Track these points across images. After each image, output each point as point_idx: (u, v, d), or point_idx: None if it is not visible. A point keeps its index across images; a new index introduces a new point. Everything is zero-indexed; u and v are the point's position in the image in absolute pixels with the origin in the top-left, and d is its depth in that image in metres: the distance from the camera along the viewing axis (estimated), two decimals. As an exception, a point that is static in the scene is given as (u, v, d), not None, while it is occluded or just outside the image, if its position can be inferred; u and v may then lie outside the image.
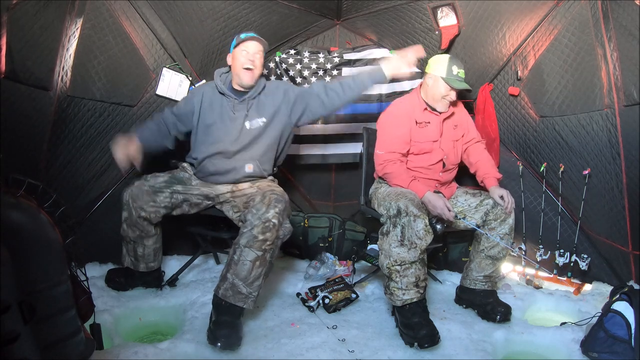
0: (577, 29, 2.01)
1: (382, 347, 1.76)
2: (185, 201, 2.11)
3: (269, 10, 2.44)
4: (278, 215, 1.79)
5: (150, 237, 2.11)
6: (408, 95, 2.28)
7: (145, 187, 2.03)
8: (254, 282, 1.76)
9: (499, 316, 1.99)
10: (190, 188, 2.12)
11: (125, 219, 2.07)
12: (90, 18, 2.04)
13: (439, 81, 2.09)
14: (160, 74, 2.43)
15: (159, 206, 2.04)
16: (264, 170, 2.12)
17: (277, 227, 1.78)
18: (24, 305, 0.87)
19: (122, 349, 1.59)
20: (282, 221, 1.82)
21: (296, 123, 2.18)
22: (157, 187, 2.05)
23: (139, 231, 2.08)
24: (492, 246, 2.08)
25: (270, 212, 1.77)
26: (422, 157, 2.15)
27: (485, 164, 2.24)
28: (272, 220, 1.76)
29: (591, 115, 2.05)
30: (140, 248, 2.12)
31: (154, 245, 2.15)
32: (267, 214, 1.77)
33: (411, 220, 1.79)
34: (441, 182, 2.20)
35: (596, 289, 2.26)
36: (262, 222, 1.75)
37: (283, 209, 1.83)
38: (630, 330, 1.58)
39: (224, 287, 1.75)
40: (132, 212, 2.02)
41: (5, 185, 0.96)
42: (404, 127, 2.11)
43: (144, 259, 2.15)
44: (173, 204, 2.08)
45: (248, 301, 1.76)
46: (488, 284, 2.11)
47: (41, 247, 0.95)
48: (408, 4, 2.42)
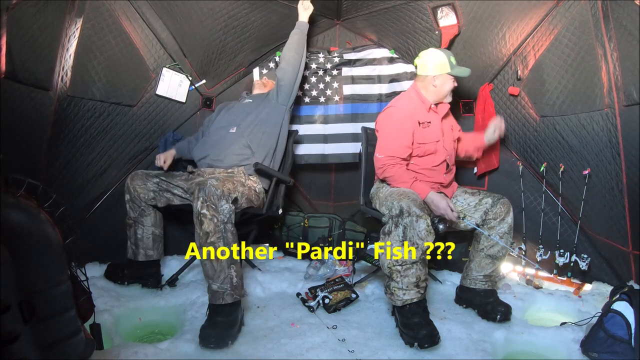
0: (577, 29, 2.01)
1: (382, 347, 1.76)
2: (167, 191, 2.23)
3: (269, 10, 2.44)
4: (205, 204, 1.76)
5: (147, 215, 2.23)
6: (406, 95, 2.23)
7: (140, 173, 2.24)
8: (219, 276, 1.76)
9: (499, 316, 1.99)
10: (173, 180, 2.24)
11: (127, 201, 2.23)
12: (90, 18, 2.04)
13: (447, 78, 2.11)
14: (160, 74, 2.43)
15: (149, 189, 2.22)
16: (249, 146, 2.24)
17: (210, 215, 1.75)
18: (24, 305, 0.87)
19: (122, 349, 1.59)
20: (214, 206, 1.77)
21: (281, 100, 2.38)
22: (150, 174, 2.25)
23: (139, 209, 2.21)
24: (491, 245, 2.09)
25: (197, 204, 1.77)
26: (427, 159, 2.14)
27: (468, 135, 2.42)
28: (202, 211, 1.76)
29: (591, 115, 2.05)
30: (140, 229, 2.21)
31: (152, 228, 2.23)
32: (197, 207, 1.77)
33: (413, 221, 1.78)
34: (444, 185, 2.19)
35: (596, 289, 2.25)
36: (196, 217, 1.78)
37: (206, 194, 1.77)
38: (630, 330, 1.58)
39: (209, 292, 1.80)
40: (131, 191, 2.20)
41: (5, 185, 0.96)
42: (407, 131, 2.07)
43: (143, 244, 2.21)
44: (160, 189, 2.22)
45: (224, 296, 1.76)
46: (488, 283, 2.11)
47: (41, 247, 0.95)
48: (408, 4, 2.42)
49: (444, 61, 2.09)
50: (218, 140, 2.28)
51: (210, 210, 1.76)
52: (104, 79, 2.17)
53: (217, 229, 1.76)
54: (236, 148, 2.24)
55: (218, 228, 1.76)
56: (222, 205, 1.80)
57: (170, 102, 2.52)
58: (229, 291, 1.76)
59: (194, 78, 2.57)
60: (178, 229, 2.56)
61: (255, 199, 2.16)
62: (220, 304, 1.76)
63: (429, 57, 2.13)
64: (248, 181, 2.15)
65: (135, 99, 2.36)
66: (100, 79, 2.16)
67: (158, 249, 2.27)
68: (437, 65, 2.10)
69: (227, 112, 2.41)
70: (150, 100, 2.44)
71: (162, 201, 2.22)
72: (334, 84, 2.84)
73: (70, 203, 2.23)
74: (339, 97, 2.84)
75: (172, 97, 2.50)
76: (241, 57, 2.65)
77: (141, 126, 2.45)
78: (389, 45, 2.78)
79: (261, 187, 2.24)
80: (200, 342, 1.68)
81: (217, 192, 1.80)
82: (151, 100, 2.44)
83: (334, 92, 2.84)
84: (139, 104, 2.39)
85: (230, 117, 2.36)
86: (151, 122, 2.48)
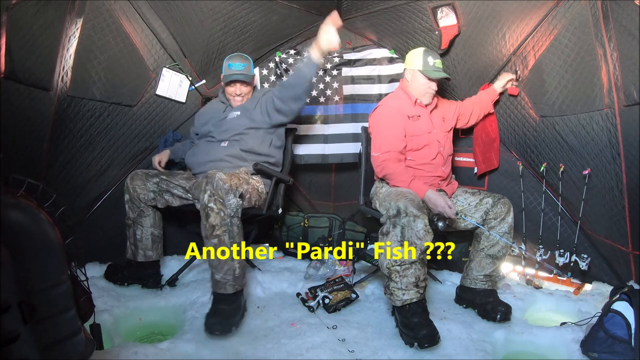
0: (577, 29, 2.01)
1: (382, 347, 1.76)
2: (167, 191, 2.21)
3: (269, 10, 2.44)
4: (212, 197, 1.78)
5: (147, 216, 2.22)
6: (393, 93, 2.33)
7: (140, 173, 2.23)
8: (223, 267, 1.81)
9: (500, 315, 1.99)
10: (173, 179, 2.22)
11: (127, 201, 2.22)
12: (90, 18, 2.04)
13: (417, 74, 2.15)
14: (160, 74, 2.43)
15: (149, 190, 2.20)
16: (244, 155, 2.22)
17: (217, 209, 1.78)
18: (24, 305, 0.87)
19: (122, 349, 1.59)
20: (221, 200, 1.79)
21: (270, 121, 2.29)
22: (150, 174, 2.23)
23: (138, 209, 2.20)
24: (492, 245, 2.09)
25: (204, 197, 1.79)
26: (422, 153, 2.16)
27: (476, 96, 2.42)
28: (209, 204, 1.78)
29: (591, 115, 2.05)
30: (139, 230, 2.20)
31: (151, 229, 2.22)
32: (203, 200, 1.79)
33: (411, 221, 1.78)
34: (444, 178, 2.20)
35: (596, 289, 2.25)
36: (202, 210, 1.80)
37: (214, 188, 1.79)
38: (630, 330, 1.58)
39: (212, 280, 1.86)
40: (130, 191, 2.19)
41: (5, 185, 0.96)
42: (398, 125, 2.12)
43: (142, 244, 2.21)
44: (160, 189, 2.21)
45: (226, 286, 1.83)
46: (488, 283, 2.12)
47: (41, 247, 0.95)
48: (408, 4, 2.42)
49: (418, 58, 2.15)
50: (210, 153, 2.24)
51: (217, 204, 1.78)
52: (104, 79, 2.17)
53: (224, 222, 1.80)
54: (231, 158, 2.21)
55: (224, 222, 1.80)
56: (230, 200, 1.83)
57: (170, 102, 2.52)
58: (231, 282, 1.83)
59: (194, 78, 2.57)
60: (178, 229, 2.56)
61: (257, 198, 2.17)
62: (221, 292, 1.83)
63: (410, 53, 2.22)
64: (251, 180, 2.16)
65: (135, 99, 2.37)
66: (100, 79, 2.16)
67: (157, 250, 2.27)
68: (410, 59, 2.19)
69: (215, 125, 2.32)
70: (150, 100, 2.44)
71: (162, 202, 2.21)
72: (334, 84, 2.84)
73: (70, 203, 2.23)
74: (339, 97, 2.84)
75: (172, 97, 2.50)
76: (241, 57, 2.65)
77: (141, 126, 2.45)
78: (389, 45, 2.78)
79: (263, 187, 2.24)
80: (206, 330, 1.75)
81: (224, 186, 1.82)
82: (151, 100, 2.44)
83: (334, 92, 2.84)
84: (139, 104, 2.39)
85: (219, 131, 2.28)
86: (151, 122, 2.49)
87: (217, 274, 1.82)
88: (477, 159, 2.63)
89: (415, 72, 2.16)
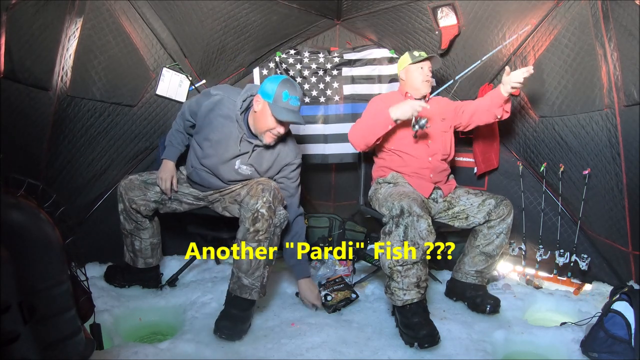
0: (577, 29, 2.01)
1: (382, 347, 1.76)
2: (175, 200, 2.15)
3: (269, 10, 2.44)
4: (266, 204, 1.80)
5: (144, 229, 2.15)
6: (390, 92, 2.43)
7: (137, 181, 2.10)
8: (254, 272, 1.81)
9: (489, 307, 2.04)
10: (180, 187, 2.15)
11: (121, 211, 2.12)
12: (90, 18, 2.04)
13: (409, 68, 2.21)
14: (160, 74, 2.43)
15: (149, 200, 2.09)
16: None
17: (268, 216, 1.80)
18: (24, 305, 0.87)
19: (122, 349, 1.59)
20: (273, 209, 1.82)
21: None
22: (149, 182, 2.11)
23: (134, 222, 2.12)
24: (488, 243, 2.11)
25: (258, 202, 1.80)
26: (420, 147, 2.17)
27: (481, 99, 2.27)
28: (261, 210, 1.79)
29: (591, 115, 2.05)
30: (138, 242, 2.16)
31: (150, 239, 2.18)
32: (256, 205, 1.80)
33: (414, 220, 1.78)
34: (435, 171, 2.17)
35: (596, 289, 2.26)
36: (251, 214, 1.79)
37: (271, 197, 1.82)
38: (630, 330, 1.58)
39: (232, 282, 1.85)
40: (125, 203, 2.08)
41: (5, 185, 0.96)
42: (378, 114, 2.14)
43: (141, 254, 2.17)
44: (162, 200, 2.12)
45: (252, 292, 1.82)
46: (479, 279, 2.16)
47: (41, 247, 0.95)
48: (408, 4, 2.42)
49: (405, 57, 2.24)
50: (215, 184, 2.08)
51: (269, 212, 1.80)
52: (104, 79, 2.17)
53: (269, 230, 1.82)
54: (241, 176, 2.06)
55: (270, 230, 1.82)
56: (280, 210, 1.86)
57: (170, 102, 2.51)
58: (257, 289, 1.83)
59: (194, 78, 2.56)
60: (178, 229, 2.56)
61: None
62: (245, 297, 1.82)
63: (399, 60, 2.31)
64: None
65: (136, 99, 2.36)
66: (100, 79, 2.16)
67: (157, 255, 2.24)
68: (400, 62, 2.28)
69: (222, 164, 2.01)
70: (150, 100, 2.43)
71: (166, 209, 2.15)
72: (334, 84, 2.84)
73: (70, 203, 2.23)
74: (339, 97, 2.84)
75: (172, 97, 2.50)
76: (241, 57, 2.65)
77: (141, 126, 2.45)
78: (389, 45, 2.78)
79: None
80: (215, 330, 1.77)
81: (278, 196, 1.86)
82: (151, 100, 2.44)
83: (334, 92, 2.84)
84: (139, 104, 2.39)
85: (225, 170, 2.02)
86: (151, 122, 2.48)
87: (245, 278, 1.81)
88: (476, 159, 2.63)
89: (407, 67, 2.22)
